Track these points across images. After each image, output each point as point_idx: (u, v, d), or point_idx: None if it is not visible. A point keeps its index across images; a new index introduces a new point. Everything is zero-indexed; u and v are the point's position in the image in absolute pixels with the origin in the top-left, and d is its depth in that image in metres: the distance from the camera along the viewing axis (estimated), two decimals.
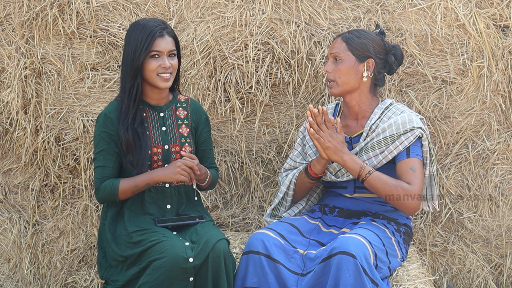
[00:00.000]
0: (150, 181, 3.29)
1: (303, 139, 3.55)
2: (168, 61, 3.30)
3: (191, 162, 3.28)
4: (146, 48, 3.26)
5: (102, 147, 3.31)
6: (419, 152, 3.31)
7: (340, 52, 3.36)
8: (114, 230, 3.34)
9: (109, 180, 3.30)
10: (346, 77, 3.35)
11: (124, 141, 3.28)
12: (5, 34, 3.87)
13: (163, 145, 3.37)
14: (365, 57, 3.35)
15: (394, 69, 3.44)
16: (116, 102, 3.36)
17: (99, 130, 3.32)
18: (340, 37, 3.39)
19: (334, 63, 3.37)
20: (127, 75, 3.30)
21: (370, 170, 3.25)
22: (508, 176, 3.88)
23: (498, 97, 3.82)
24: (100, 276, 3.37)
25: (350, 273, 2.98)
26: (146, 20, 3.33)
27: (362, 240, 3.08)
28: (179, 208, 3.41)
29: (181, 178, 3.26)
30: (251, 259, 3.17)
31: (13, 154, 4.00)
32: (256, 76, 3.82)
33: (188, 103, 3.48)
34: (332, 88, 3.39)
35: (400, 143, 3.28)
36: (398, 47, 3.43)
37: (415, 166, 3.27)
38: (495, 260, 3.95)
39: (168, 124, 3.41)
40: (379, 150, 3.30)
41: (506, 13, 3.76)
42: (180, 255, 3.09)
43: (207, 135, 3.50)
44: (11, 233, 4.03)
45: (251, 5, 3.81)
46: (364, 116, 3.42)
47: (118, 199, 3.30)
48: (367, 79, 3.36)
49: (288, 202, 3.51)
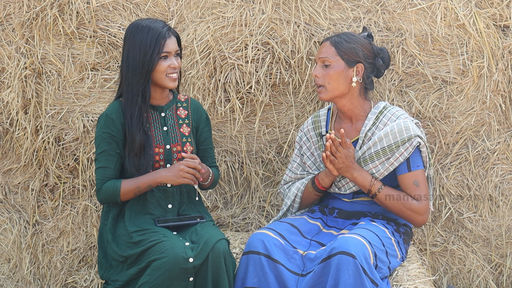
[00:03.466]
0: (153, 183, 3.29)
1: (300, 149, 3.54)
2: (175, 61, 3.32)
3: (193, 162, 3.27)
4: (158, 50, 3.26)
5: (103, 148, 3.31)
6: (420, 162, 3.31)
7: (329, 57, 3.33)
8: (115, 230, 3.34)
9: (110, 181, 3.30)
10: (336, 82, 3.33)
11: (138, 144, 3.28)
12: (5, 34, 3.87)
13: (165, 145, 3.37)
14: (354, 62, 3.33)
15: (382, 72, 3.42)
16: (118, 103, 3.35)
17: (100, 131, 3.32)
18: (328, 41, 3.36)
19: (323, 68, 3.34)
20: (136, 78, 3.27)
21: (380, 188, 3.27)
22: (508, 176, 3.88)
23: (498, 97, 3.82)
24: (100, 276, 3.37)
25: (350, 273, 2.98)
26: (148, 21, 3.32)
27: (362, 240, 3.08)
28: (180, 207, 3.41)
29: (184, 181, 3.26)
30: (251, 259, 3.17)
31: (13, 154, 4.00)
32: (256, 76, 3.82)
33: (188, 103, 3.48)
34: (321, 93, 3.36)
35: (400, 155, 3.28)
36: (386, 50, 3.42)
37: (418, 180, 3.28)
38: (495, 260, 3.95)
39: (169, 124, 3.41)
40: (379, 161, 3.30)
41: (506, 13, 3.76)
42: (180, 255, 3.09)
43: (207, 134, 3.50)
44: (11, 233, 4.03)
45: (251, 5, 3.81)
46: (358, 119, 3.41)
47: (120, 200, 3.30)
48: (356, 84, 3.35)
49: (292, 213, 3.53)
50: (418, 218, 3.30)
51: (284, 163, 3.93)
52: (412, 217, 3.30)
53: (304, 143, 3.52)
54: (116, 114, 3.31)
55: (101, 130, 3.31)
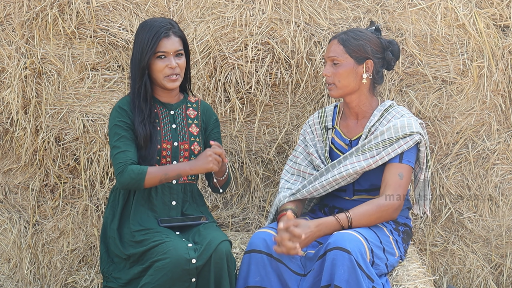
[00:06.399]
0: (182, 172, 3.29)
1: (304, 140, 3.53)
2: (174, 61, 3.32)
3: (220, 149, 3.28)
4: (151, 48, 3.28)
5: (121, 134, 3.31)
6: (412, 159, 3.29)
7: (338, 55, 3.33)
8: (118, 227, 3.34)
9: (135, 165, 3.27)
10: (346, 80, 3.34)
11: (143, 136, 3.29)
12: (5, 34, 3.87)
13: (173, 142, 3.39)
14: (363, 59, 3.34)
15: (392, 65, 3.42)
16: (128, 97, 3.40)
17: (115, 120, 3.33)
18: (336, 39, 3.36)
19: (332, 67, 3.34)
20: (135, 75, 3.33)
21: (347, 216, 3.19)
22: (508, 176, 3.88)
23: (498, 97, 3.82)
24: (101, 270, 3.37)
25: (344, 268, 2.98)
26: (153, 20, 3.36)
27: (358, 236, 3.08)
28: (184, 206, 3.42)
29: (213, 168, 3.26)
30: (253, 258, 3.16)
31: (13, 154, 4.00)
32: (256, 76, 3.82)
33: (198, 104, 3.51)
34: (332, 90, 3.37)
35: (399, 147, 3.27)
36: (395, 42, 3.40)
37: (403, 173, 3.26)
38: (495, 260, 3.95)
39: (178, 122, 3.43)
40: (376, 151, 3.29)
41: (506, 13, 3.76)
42: (183, 256, 3.09)
43: (216, 136, 3.51)
44: (11, 233, 4.03)
45: (251, 5, 3.81)
46: (364, 116, 3.42)
47: (144, 185, 3.26)
48: (367, 80, 3.36)
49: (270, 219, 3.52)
50: (391, 213, 3.24)
51: (284, 163, 3.93)
52: (387, 215, 3.25)
53: (308, 134, 3.51)
54: (127, 106, 3.35)
55: (116, 120, 3.33)
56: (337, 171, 3.33)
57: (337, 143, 3.43)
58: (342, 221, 3.18)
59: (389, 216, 3.25)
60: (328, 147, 3.44)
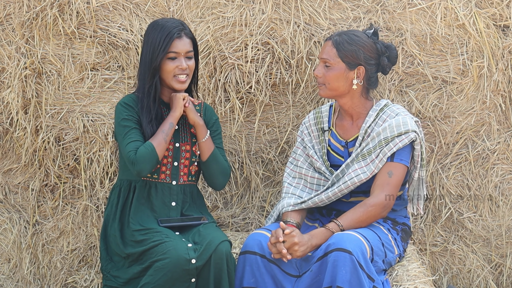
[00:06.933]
0: (172, 120, 3.32)
1: (301, 142, 3.52)
2: (185, 62, 3.33)
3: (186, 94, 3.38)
4: (164, 48, 3.29)
5: (131, 126, 3.32)
6: (405, 157, 3.28)
7: (330, 58, 3.32)
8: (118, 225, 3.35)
9: (139, 148, 3.28)
10: (336, 83, 3.33)
11: (150, 136, 3.31)
12: (5, 34, 3.87)
13: (174, 143, 3.39)
14: (355, 65, 3.32)
15: (387, 70, 3.40)
16: (133, 95, 3.40)
17: (122, 115, 3.34)
18: (330, 41, 3.34)
19: (324, 68, 3.34)
20: (146, 75, 3.34)
21: (337, 224, 3.19)
22: (508, 176, 3.88)
23: (498, 97, 3.82)
24: (100, 268, 3.38)
25: (346, 269, 2.98)
26: (164, 21, 3.37)
27: (358, 236, 3.08)
28: (184, 207, 3.42)
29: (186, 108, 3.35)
30: (248, 259, 3.17)
31: (13, 154, 4.00)
32: (256, 76, 3.82)
33: (201, 106, 3.52)
34: (321, 90, 3.37)
35: (394, 145, 3.26)
36: (393, 47, 3.38)
37: (393, 172, 3.26)
38: (495, 260, 3.95)
39: (181, 123, 3.44)
40: (375, 154, 3.29)
41: (506, 13, 3.76)
42: (183, 256, 3.10)
43: (214, 134, 3.50)
44: (11, 233, 4.03)
45: (251, 5, 3.81)
46: (360, 117, 3.41)
47: (158, 156, 3.27)
48: (357, 86, 3.35)
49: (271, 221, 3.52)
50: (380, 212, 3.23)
51: (284, 163, 3.93)
52: (377, 214, 3.24)
53: (305, 136, 3.50)
54: (132, 103, 3.36)
55: (123, 114, 3.34)
56: (342, 181, 3.33)
57: (333, 145, 3.43)
58: (334, 229, 3.19)
59: (378, 215, 3.24)
60: (325, 149, 3.44)
